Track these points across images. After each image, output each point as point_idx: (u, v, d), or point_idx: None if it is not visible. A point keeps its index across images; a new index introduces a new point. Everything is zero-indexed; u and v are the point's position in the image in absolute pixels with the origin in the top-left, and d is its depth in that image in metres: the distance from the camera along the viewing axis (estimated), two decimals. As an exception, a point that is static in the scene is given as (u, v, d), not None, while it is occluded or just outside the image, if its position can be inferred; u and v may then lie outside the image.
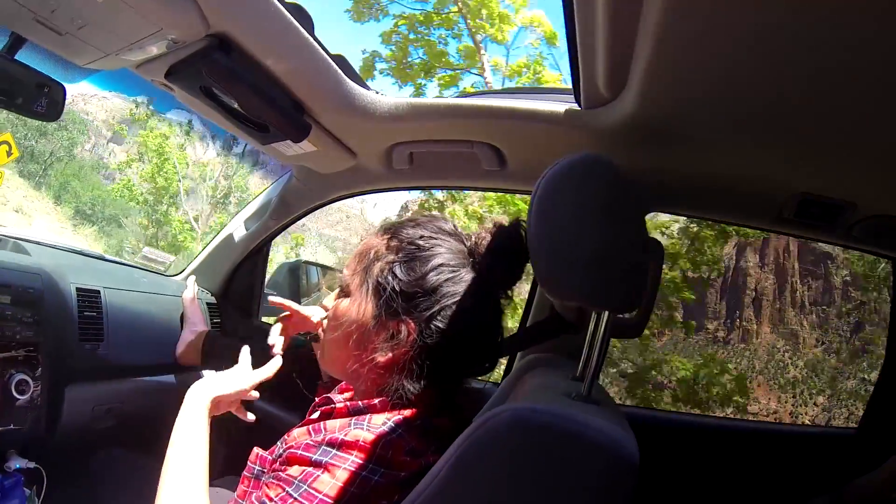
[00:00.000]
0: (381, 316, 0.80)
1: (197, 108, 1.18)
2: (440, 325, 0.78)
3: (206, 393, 0.93)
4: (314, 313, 1.24)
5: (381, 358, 0.79)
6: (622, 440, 0.62)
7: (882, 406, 1.62)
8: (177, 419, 0.90)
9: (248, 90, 1.02)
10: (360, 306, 0.82)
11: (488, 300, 0.83)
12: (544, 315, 1.31)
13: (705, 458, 1.57)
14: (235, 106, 1.08)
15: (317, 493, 0.68)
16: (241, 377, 1.00)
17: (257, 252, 1.86)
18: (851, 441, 1.65)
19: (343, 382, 1.01)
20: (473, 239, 0.84)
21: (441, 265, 0.79)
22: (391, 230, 0.85)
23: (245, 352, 1.06)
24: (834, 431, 1.94)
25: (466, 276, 0.80)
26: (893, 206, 1.16)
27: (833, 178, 1.10)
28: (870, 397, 1.68)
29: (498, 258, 0.82)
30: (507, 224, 0.86)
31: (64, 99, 1.21)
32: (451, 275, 0.79)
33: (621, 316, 1.11)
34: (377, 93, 1.17)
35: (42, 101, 1.16)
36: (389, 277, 0.79)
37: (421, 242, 0.81)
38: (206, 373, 1.66)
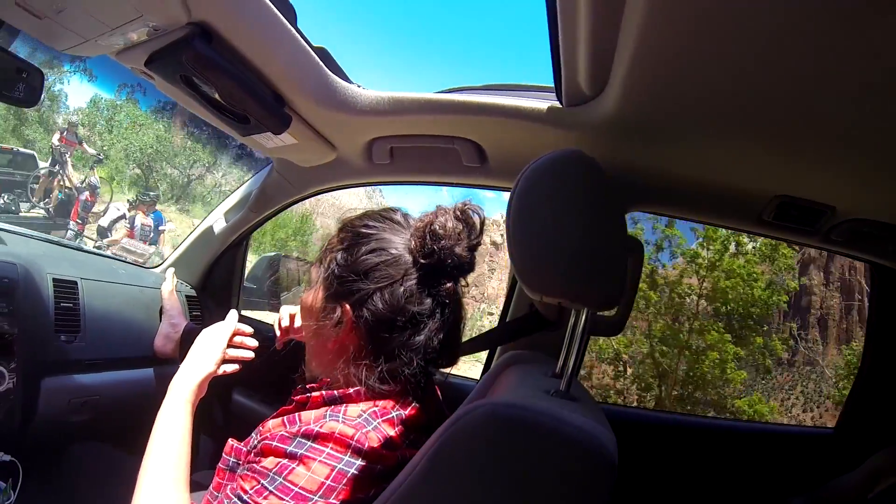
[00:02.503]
0: (326, 302, 0.83)
1: (177, 98, 1.16)
2: (372, 307, 0.79)
3: (188, 381, 0.94)
4: None
5: (330, 343, 0.82)
6: (601, 437, 0.61)
7: (859, 407, 1.65)
8: (159, 411, 0.90)
9: (229, 80, 1.00)
10: (315, 294, 0.86)
11: (429, 283, 0.82)
12: (523, 311, 1.32)
13: (685, 457, 1.59)
14: (216, 96, 1.07)
15: (292, 486, 0.68)
16: (210, 352, 1.01)
17: (237, 245, 1.85)
18: (829, 441, 1.68)
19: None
20: (420, 227, 0.83)
21: (377, 249, 0.81)
22: (345, 223, 0.88)
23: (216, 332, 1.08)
24: (812, 431, 1.96)
25: (404, 260, 0.81)
26: (872, 209, 1.18)
27: (812, 182, 1.11)
28: (846, 398, 1.71)
29: (431, 234, 0.80)
30: (451, 208, 0.85)
31: (42, 84, 1.20)
32: (387, 258, 0.81)
33: (601, 314, 1.13)
34: (359, 86, 1.16)
35: (20, 86, 1.15)
36: (333, 264, 0.83)
37: (363, 230, 0.84)
38: None
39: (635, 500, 1.49)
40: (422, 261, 0.80)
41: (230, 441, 0.85)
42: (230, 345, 1.08)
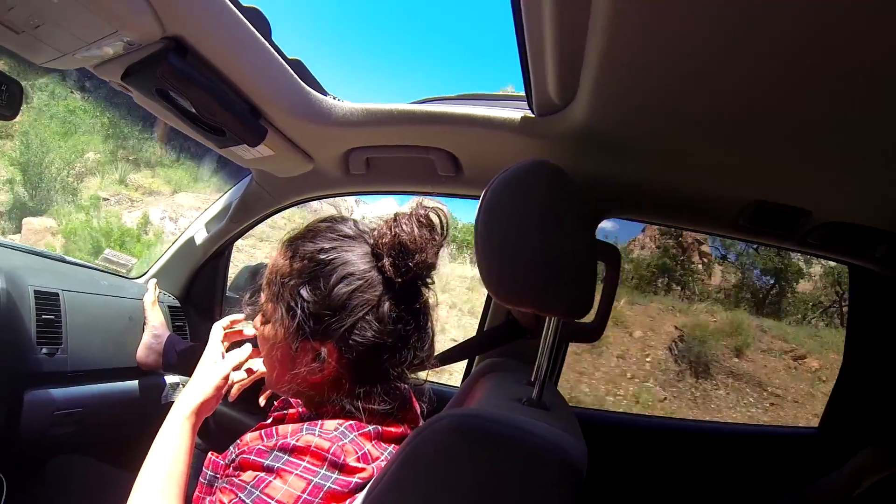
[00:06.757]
0: (298, 339, 0.78)
1: (154, 111, 1.16)
2: (358, 338, 0.76)
3: (186, 405, 0.89)
4: None
5: (313, 378, 0.79)
6: (565, 446, 0.61)
7: (842, 406, 1.66)
8: (158, 434, 0.86)
9: (204, 94, 1.01)
10: (279, 329, 0.80)
11: (406, 296, 0.79)
12: (501, 320, 1.33)
13: (669, 461, 1.59)
14: (192, 109, 1.07)
15: (269, 500, 0.68)
16: (213, 370, 0.95)
17: (219, 255, 1.84)
18: (813, 441, 1.69)
19: None
20: (375, 236, 0.79)
21: (347, 276, 0.76)
22: (292, 247, 0.81)
23: (214, 335, 1.01)
24: (796, 431, 1.96)
25: (376, 279, 0.77)
26: (847, 212, 1.19)
27: (788, 186, 1.12)
28: (829, 398, 1.72)
29: (402, 250, 0.76)
30: (412, 213, 0.80)
31: (21, 96, 1.19)
32: (358, 283, 0.76)
33: (580, 321, 1.13)
34: (334, 98, 1.17)
35: (3, 97, 1.15)
36: (298, 300, 0.77)
37: (322, 257, 0.78)
38: (168, 379, 1.65)
39: None
40: (398, 280, 0.76)
41: (209, 455, 0.84)
42: (227, 340, 1.02)
